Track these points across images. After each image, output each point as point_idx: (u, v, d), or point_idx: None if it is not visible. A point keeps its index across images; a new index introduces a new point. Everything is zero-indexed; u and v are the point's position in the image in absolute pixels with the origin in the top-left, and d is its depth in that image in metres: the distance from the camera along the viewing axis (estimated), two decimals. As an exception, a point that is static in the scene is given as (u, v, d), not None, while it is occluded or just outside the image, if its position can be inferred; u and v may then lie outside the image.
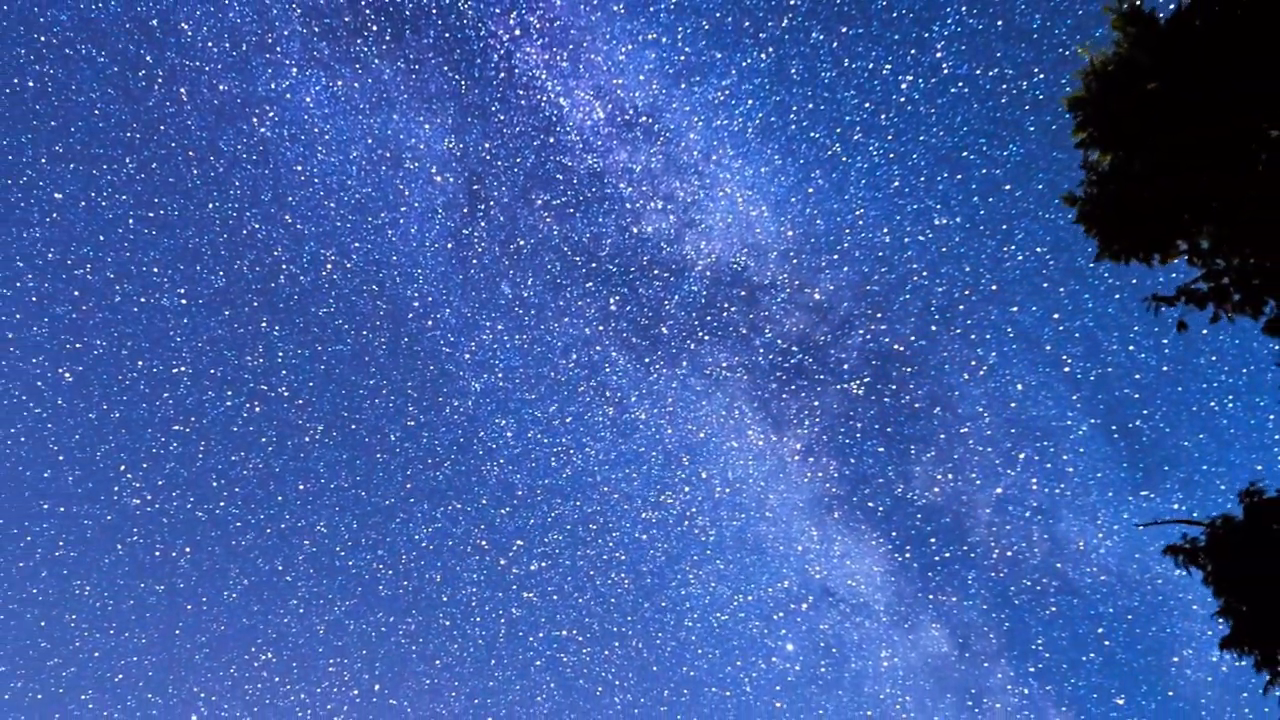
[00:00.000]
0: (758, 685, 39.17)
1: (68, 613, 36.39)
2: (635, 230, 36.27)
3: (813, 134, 33.38)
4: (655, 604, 39.86)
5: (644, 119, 34.08)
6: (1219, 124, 11.12)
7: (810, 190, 34.20)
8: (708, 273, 36.38)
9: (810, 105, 32.90)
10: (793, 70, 32.61)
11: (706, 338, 37.35)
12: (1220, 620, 13.77)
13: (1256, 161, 11.26)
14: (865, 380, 37.11)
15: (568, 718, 39.55)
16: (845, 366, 36.92)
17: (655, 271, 36.64)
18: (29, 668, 35.56)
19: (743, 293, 36.41)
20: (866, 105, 32.64)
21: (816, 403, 37.33)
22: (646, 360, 37.80)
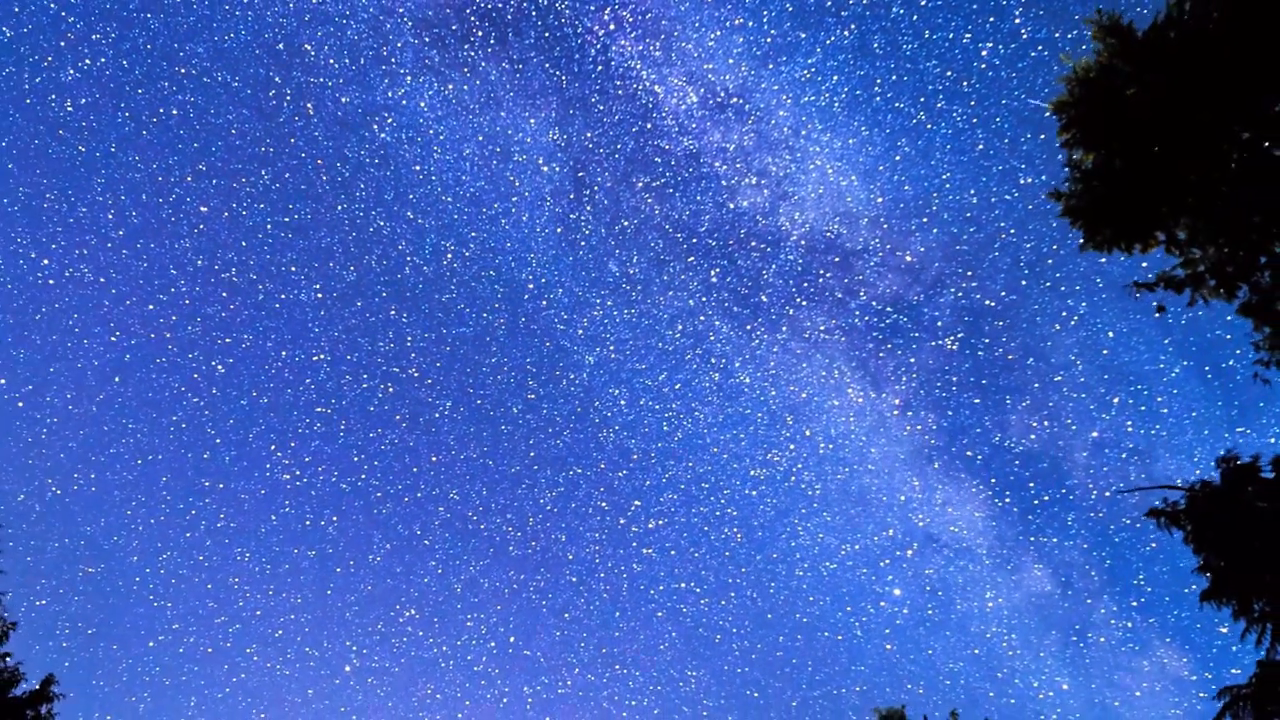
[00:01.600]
0: (868, 629, 40.82)
1: (231, 576, 40.52)
2: (732, 206, 37.57)
3: (897, 104, 34.38)
4: (767, 556, 41.64)
5: (735, 100, 35.27)
6: (1193, 126, 12.03)
7: (897, 158, 35.10)
8: (802, 242, 37.39)
9: (894, 77, 33.79)
10: (875, 44, 33.46)
11: (804, 303, 38.40)
12: (1201, 574, 14.99)
13: (1228, 160, 12.18)
14: (959, 336, 37.77)
15: (689, 664, 41.96)
16: (939, 324, 37.75)
17: (752, 243, 38.02)
18: (200, 626, 39.94)
19: (837, 259, 37.43)
20: (948, 74, 33.22)
21: (913, 359, 38.21)
22: (748, 327, 39.29)
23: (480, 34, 35.13)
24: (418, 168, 38.00)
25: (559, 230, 38.96)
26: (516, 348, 41.01)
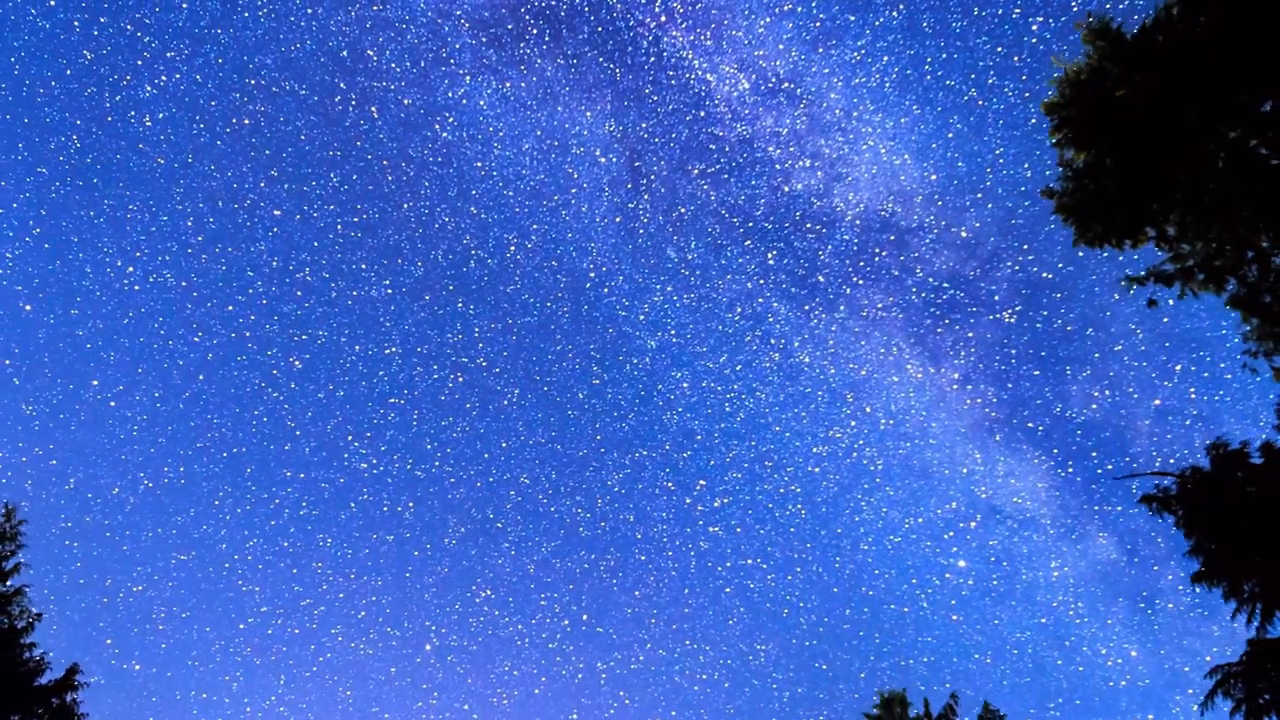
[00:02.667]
0: (934, 600, 41.03)
1: (315, 561, 42.42)
2: (786, 189, 38.16)
3: (948, 82, 34.74)
4: (831, 531, 42.24)
5: (786, 85, 35.78)
6: (1181, 126, 12.43)
7: (950, 135, 35.46)
8: (857, 221, 38.06)
9: (944, 55, 34.15)
10: (924, 23, 33.78)
11: (861, 282, 39.03)
12: (1192, 557, 15.49)
13: (1216, 158, 12.58)
14: (1016, 309, 38.05)
15: (758, 638, 42.52)
16: (996, 298, 38.12)
17: (808, 225, 38.60)
18: (286, 609, 41.88)
19: (892, 237, 37.86)
20: (999, 49, 33.55)
21: (971, 334, 38.57)
22: (806, 307, 39.89)
23: (535, 31, 36.28)
24: (479, 164, 39.43)
25: (618, 219, 40.11)
26: (580, 335, 42.46)
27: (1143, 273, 13.75)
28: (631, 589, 42.81)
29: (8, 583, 17.80)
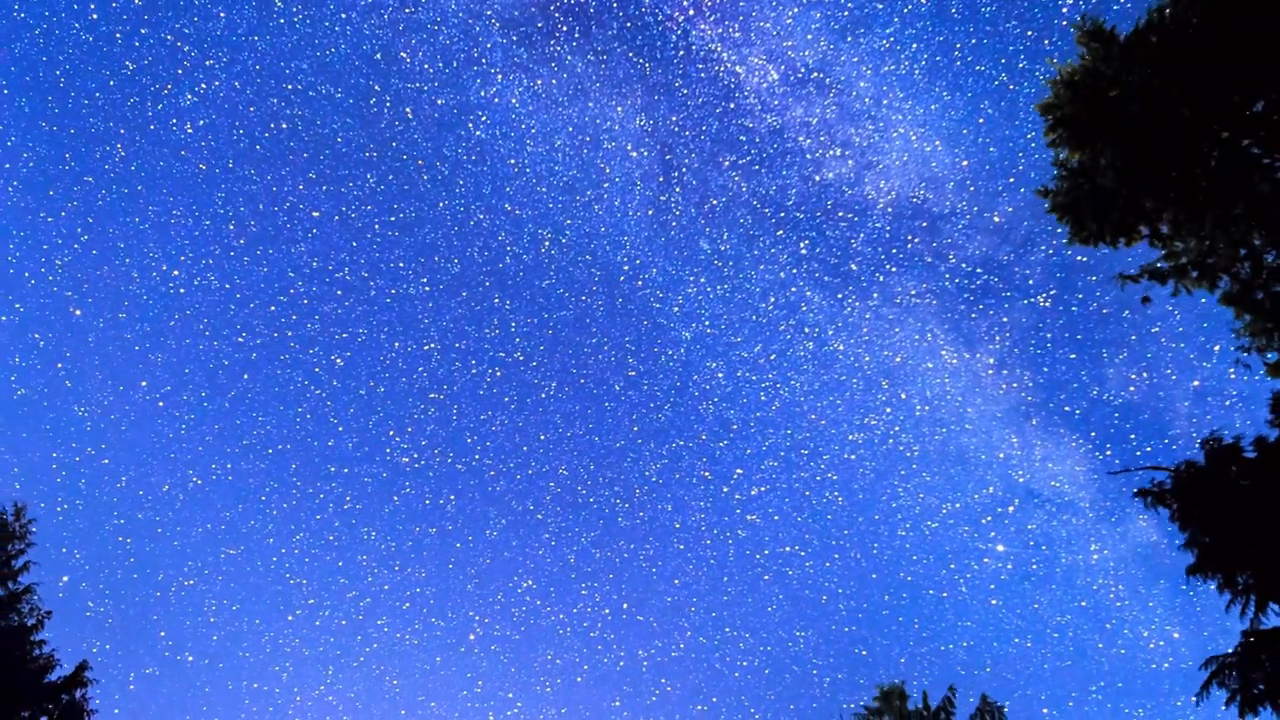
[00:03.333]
0: (973, 585, 41.23)
1: (359, 554, 43.53)
2: (817, 178, 38.40)
3: (978, 67, 34.97)
4: (869, 517, 42.46)
5: (815, 75, 36.08)
6: (1173, 126, 12.62)
7: (981, 120, 35.65)
8: (889, 209, 38.20)
9: (973, 40, 34.33)
10: (953, 9, 34.04)
11: (894, 269, 39.22)
12: (1187, 550, 15.70)
13: (1208, 158, 12.77)
14: (1051, 292, 37.93)
15: (797, 624, 42.91)
16: (1030, 282, 38.12)
17: (839, 214, 38.92)
18: (333, 600, 43.09)
19: (924, 223, 38.01)
20: (1029, 33, 33.52)
21: (1005, 319, 38.56)
22: (839, 296, 40.07)
23: (565, 29, 36.81)
24: (512, 161, 40.03)
25: (650, 212, 40.66)
26: (615, 327, 43.10)
27: (1136, 271, 13.95)
28: (671, 578, 43.49)
29: (18, 580, 18.04)
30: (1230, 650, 15.77)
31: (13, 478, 40.57)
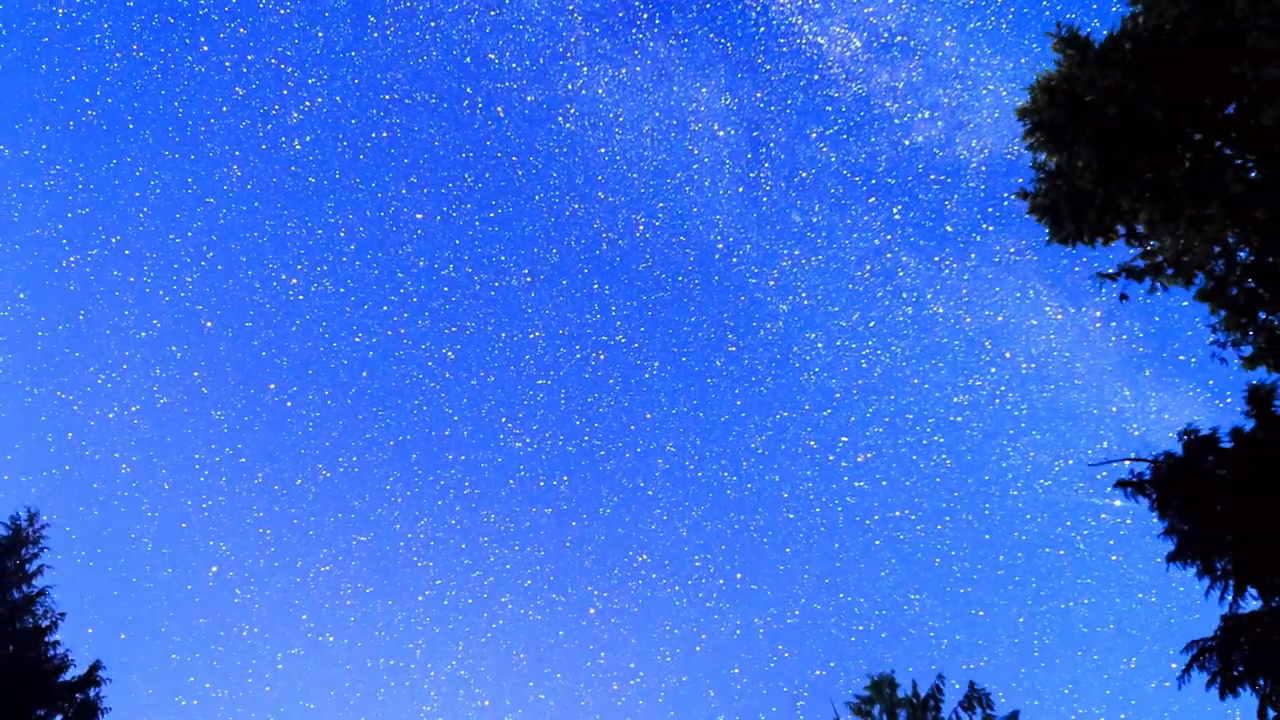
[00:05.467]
0: (1090, 542, 40.25)
1: (481, 536, 45.63)
2: (907, 143, 38.44)
3: (1069, 14, 34.00)
4: (979, 479, 42.44)
5: (899, 38, 35.96)
6: (1148, 128, 12.98)
7: None
8: (983, 168, 37.94)
9: None
10: None
11: (991, 228, 39.16)
12: (1167, 538, 16.17)
13: (1183, 159, 13.14)
14: None
15: (911, 588, 43.03)
16: None
17: (931, 176, 38.78)
18: (459, 580, 45.19)
19: (1020, 179, 37.16)
20: None
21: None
22: (936, 258, 39.95)
23: (645, 16, 37.65)
24: (602, 150, 41.13)
25: (740, 190, 41.11)
26: (713, 305, 44.19)
27: (1114, 269, 14.33)
28: (782, 546, 44.29)
29: (31, 584, 18.48)
30: (1210, 634, 16.25)
31: (160, 479, 43.33)
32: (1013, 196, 15.63)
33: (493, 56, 39.07)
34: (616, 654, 44.21)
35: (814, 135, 39.34)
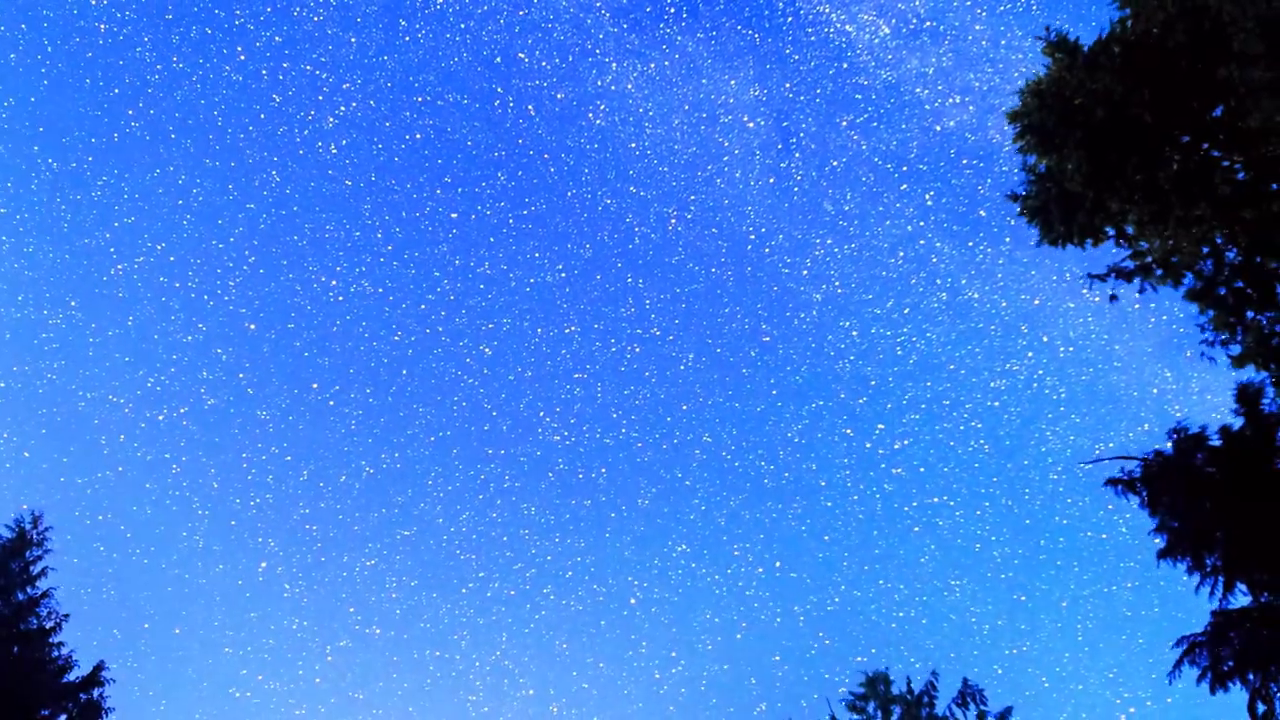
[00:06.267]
0: (1133, 526, 40.21)
1: (521, 529, 46.09)
2: (938, 128, 38.41)
3: None
4: (1018, 463, 42.39)
5: (928, 23, 35.75)
6: (1137, 131, 13.12)
7: None
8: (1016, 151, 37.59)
9: None
10: None
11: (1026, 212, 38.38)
12: (1157, 535, 16.35)
13: (1171, 161, 13.28)
14: None
15: (952, 574, 42.88)
16: None
17: (964, 161, 38.90)
18: (501, 572, 45.53)
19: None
20: None
21: None
22: (970, 243, 39.95)
23: (673, 10, 37.83)
24: (633, 145, 41.49)
25: (771, 180, 41.25)
26: (746, 296, 44.31)
27: (1103, 270, 14.47)
28: (820, 534, 44.41)
29: (36, 585, 18.67)
30: (1200, 630, 16.44)
31: (210, 478, 44.40)
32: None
33: (522, 56, 39.64)
34: (658, 643, 44.51)
35: (844, 124, 39.41)
